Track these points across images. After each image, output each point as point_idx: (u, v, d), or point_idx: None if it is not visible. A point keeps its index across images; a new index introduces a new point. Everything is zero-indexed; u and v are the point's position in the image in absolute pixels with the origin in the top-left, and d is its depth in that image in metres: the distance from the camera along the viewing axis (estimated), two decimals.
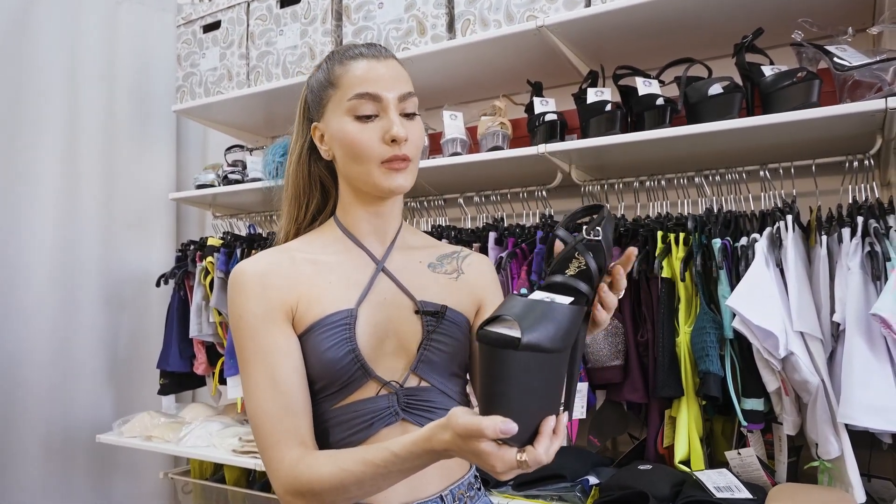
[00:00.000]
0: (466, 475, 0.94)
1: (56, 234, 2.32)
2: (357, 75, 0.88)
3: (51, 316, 2.30)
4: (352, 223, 0.95)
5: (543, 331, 0.65)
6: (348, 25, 1.91)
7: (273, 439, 0.82)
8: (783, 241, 1.33)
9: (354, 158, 0.88)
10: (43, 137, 2.31)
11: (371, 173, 0.88)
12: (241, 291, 0.87)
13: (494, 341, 0.65)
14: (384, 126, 0.87)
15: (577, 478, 1.40)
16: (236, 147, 2.33)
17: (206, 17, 2.23)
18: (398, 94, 0.88)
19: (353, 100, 0.88)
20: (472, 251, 1.05)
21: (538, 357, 0.64)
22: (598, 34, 1.61)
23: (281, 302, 0.87)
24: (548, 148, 1.57)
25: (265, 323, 0.86)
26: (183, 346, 2.20)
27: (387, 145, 0.87)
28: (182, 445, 1.93)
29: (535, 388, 0.66)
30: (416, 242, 1.01)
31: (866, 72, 1.29)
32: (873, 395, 1.16)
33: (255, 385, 0.84)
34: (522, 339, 0.64)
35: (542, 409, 0.67)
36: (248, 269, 0.89)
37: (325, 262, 0.92)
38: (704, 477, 1.28)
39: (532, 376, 0.65)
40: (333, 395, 0.87)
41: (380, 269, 0.93)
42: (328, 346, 0.85)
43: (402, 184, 0.89)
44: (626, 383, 1.47)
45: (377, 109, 0.88)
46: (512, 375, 0.64)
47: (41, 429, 2.26)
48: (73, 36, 2.38)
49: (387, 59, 0.91)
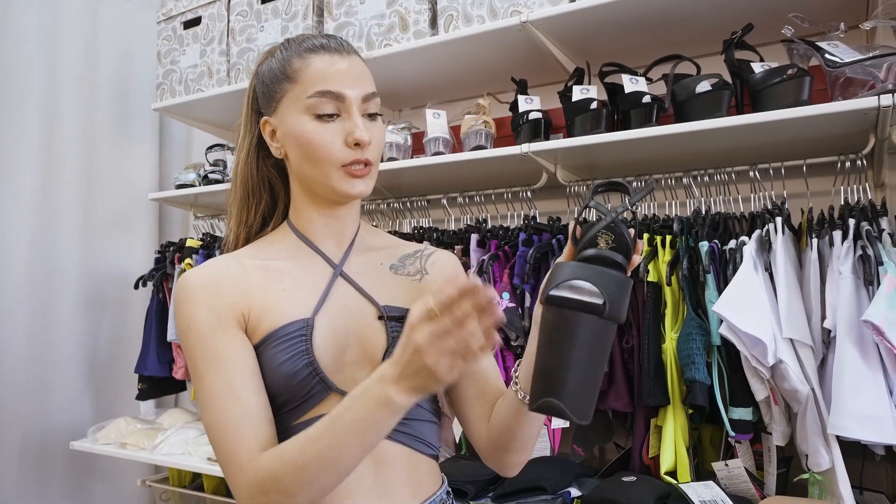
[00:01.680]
0: (438, 491, 0.89)
1: (33, 234, 2.27)
2: (319, 70, 0.82)
3: (27, 318, 2.24)
4: (306, 226, 0.89)
5: (622, 300, 0.64)
6: (329, 21, 1.86)
7: (231, 448, 0.75)
8: (772, 243, 1.29)
9: (312, 160, 0.83)
10: (20, 135, 2.25)
11: (330, 177, 0.82)
12: (188, 300, 0.81)
13: (577, 306, 0.63)
14: (346, 128, 0.82)
15: (558, 490, 1.34)
16: (217, 146, 2.28)
17: (187, 12, 2.18)
18: (362, 94, 0.83)
19: (313, 97, 0.82)
20: (436, 249, 0.99)
21: (610, 327, 0.64)
22: (583, 30, 1.57)
23: (232, 310, 0.81)
24: (532, 147, 1.52)
25: (215, 330, 0.79)
26: (161, 350, 2.15)
27: (349, 148, 0.81)
28: (157, 453, 1.88)
29: (596, 360, 0.64)
30: (376, 243, 0.95)
31: (859, 68, 1.25)
32: (865, 404, 1.11)
33: (209, 396, 0.77)
34: (607, 307, 0.62)
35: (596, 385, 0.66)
36: (195, 277, 0.83)
37: (277, 269, 0.86)
38: (690, 490, 1.23)
39: (600, 346, 0.64)
40: (294, 411, 0.81)
41: (337, 274, 0.87)
42: (284, 360, 0.79)
43: (363, 189, 0.84)
44: (610, 391, 1.42)
45: (339, 109, 0.82)
46: (586, 344, 0.63)
47: (17, 434, 2.20)
48: (51, 31, 2.33)
49: (350, 55, 0.85)
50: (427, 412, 0.88)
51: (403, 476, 0.83)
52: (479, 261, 1.59)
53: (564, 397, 0.64)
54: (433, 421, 0.89)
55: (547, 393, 0.65)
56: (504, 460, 0.88)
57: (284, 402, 0.81)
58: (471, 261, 1.65)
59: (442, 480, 0.92)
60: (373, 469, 0.81)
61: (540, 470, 1.39)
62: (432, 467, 0.89)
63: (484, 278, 1.54)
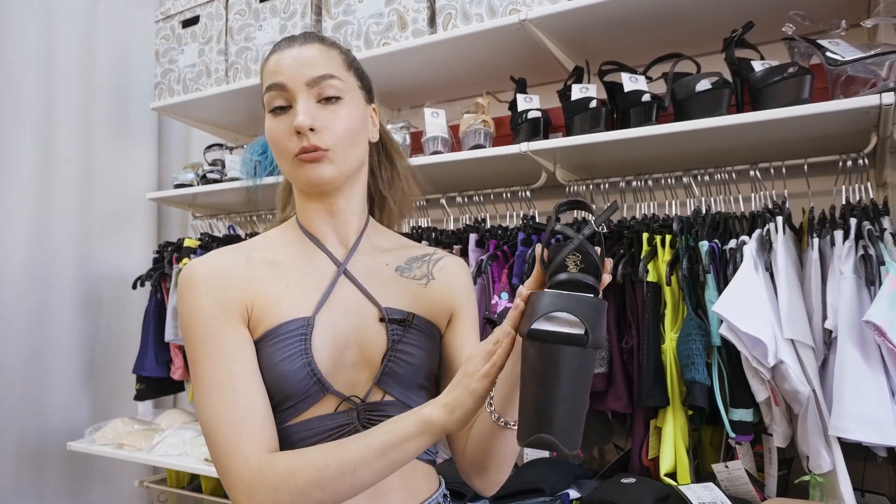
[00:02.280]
0: (434, 494, 0.88)
1: (31, 234, 2.25)
2: (269, 67, 0.84)
3: (25, 318, 2.23)
4: (308, 222, 0.89)
5: (600, 325, 0.64)
6: (328, 20, 1.85)
7: (231, 444, 0.73)
8: (773, 243, 1.28)
9: (277, 155, 0.84)
10: (18, 135, 2.24)
11: (290, 168, 0.83)
12: (192, 289, 0.79)
13: (562, 339, 0.63)
14: (293, 117, 0.81)
15: (556, 492, 1.33)
16: (216, 146, 2.27)
17: (185, 11, 2.17)
18: (307, 79, 0.81)
19: (266, 93, 0.83)
20: (446, 254, 0.97)
21: (592, 355, 0.64)
22: (583, 28, 1.56)
23: (236, 302, 0.79)
24: (531, 146, 1.51)
25: (219, 322, 0.77)
26: (159, 351, 2.14)
27: (295, 137, 0.81)
28: (154, 454, 1.87)
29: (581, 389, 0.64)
30: (385, 244, 0.94)
31: (860, 67, 1.24)
32: (866, 406, 1.10)
33: (208, 389, 0.75)
34: (590, 337, 0.62)
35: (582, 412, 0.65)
36: (201, 266, 0.81)
37: (282, 264, 0.85)
38: (689, 491, 1.22)
39: (584, 375, 0.64)
40: (289, 411, 0.79)
41: (341, 273, 0.86)
42: (281, 359, 0.78)
43: (321, 174, 0.81)
44: (609, 392, 1.40)
45: (288, 99, 0.82)
46: (572, 375, 0.63)
47: (13, 435, 2.18)
48: (49, 31, 2.31)
49: (304, 45, 0.83)
50: None
51: (397, 482, 0.82)
52: (478, 261, 1.58)
53: (556, 432, 0.63)
54: None
55: (538, 429, 0.64)
56: (482, 479, 0.86)
57: (280, 401, 0.80)
58: (469, 261, 1.64)
59: (439, 483, 0.91)
60: None
61: (538, 471, 1.38)
62: (428, 472, 0.88)
63: (482, 278, 1.53)
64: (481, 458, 0.83)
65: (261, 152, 1.97)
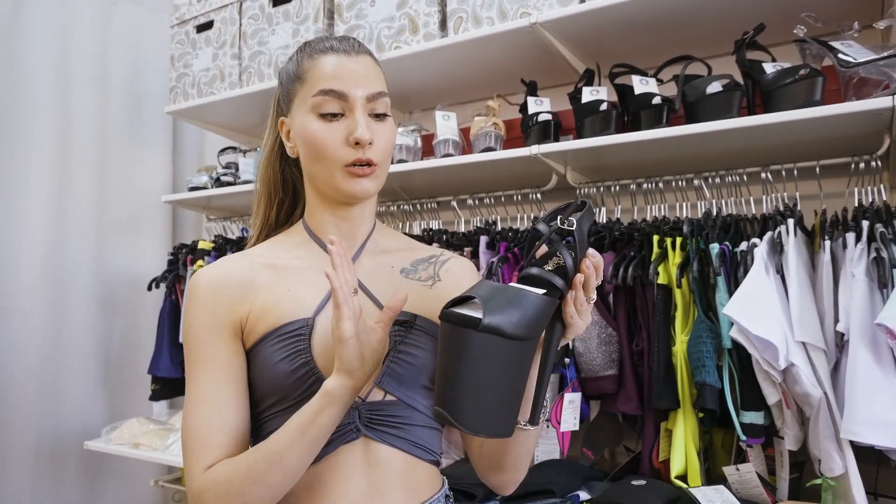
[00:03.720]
0: (437, 494, 0.88)
1: (47, 236, 2.29)
2: (325, 71, 0.83)
3: (42, 319, 2.27)
4: (318, 226, 0.90)
5: (506, 315, 0.64)
6: (340, 24, 1.87)
7: (193, 456, 0.78)
8: (784, 245, 1.27)
9: (317, 159, 0.84)
10: (35, 139, 2.28)
11: (333, 176, 0.83)
12: (193, 299, 0.84)
13: (455, 320, 0.65)
14: (349, 126, 0.82)
15: (566, 493, 1.34)
16: (229, 149, 2.30)
17: (200, 16, 2.20)
18: (367, 94, 0.83)
19: (317, 96, 0.83)
20: (453, 255, 0.98)
21: (498, 342, 0.64)
22: (593, 31, 1.56)
23: (230, 314, 0.83)
24: (541, 149, 1.52)
25: (211, 335, 0.82)
26: (174, 351, 2.16)
27: (351, 148, 0.82)
28: (168, 453, 1.90)
29: (493, 376, 0.65)
30: (391, 245, 0.95)
31: (872, 68, 1.23)
32: (878, 409, 1.09)
33: (190, 400, 0.81)
34: (483, 321, 0.63)
35: (498, 400, 0.65)
36: (204, 276, 0.85)
37: (285, 267, 0.87)
38: (699, 494, 1.22)
39: (490, 362, 0.64)
40: (288, 410, 0.80)
41: None
42: (280, 358, 0.80)
43: (367, 188, 0.84)
44: (620, 394, 1.41)
45: (343, 108, 0.83)
46: (470, 357, 0.64)
47: (32, 434, 2.22)
48: (65, 36, 2.35)
49: (359, 55, 0.86)
50: (428, 418, 0.86)
51: (398, 481, 0.83)
52: (489, 263, 1.58)
53: (447, 407, 0.65)
54: (435, 427, 0.88)
55: (435, 401, 0.67)
56: (498, 479, 0.88)
57: (279, 399, 0.81)
58: (480, 263, 1.65)
59: (442, 483, 0.91)
60: (366, 472, 0.81)
61: (549, 473, 1.38)
62: (431, 472, 0.88)
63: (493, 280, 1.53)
64: (496, 458, 0.85)
65: None
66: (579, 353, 1.44)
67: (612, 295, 1.47)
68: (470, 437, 0.90)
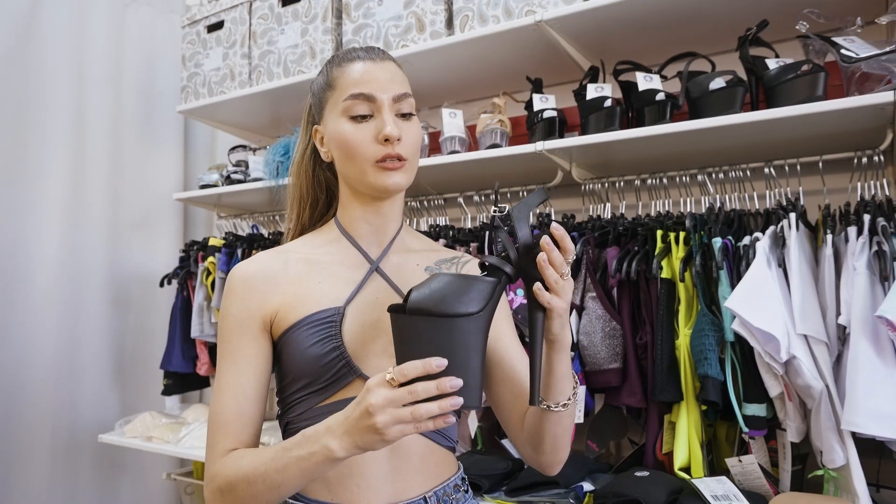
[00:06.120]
0: (452, 477, 0.92)
1: (62, 235, 2.34)
2: (353, 77, 0.90)
3: (57, 316, 2.31)
4: (349, 223, 0.95)
5: (427, 295, 0.70)
6: (348, 23, 1.89)
7: (215, 440, 0.85)
8: (786, 239, 1.28)
9: (349, 158, 0.89)
10: (49, 139, 2.32)
11: (365, 172, 0.88)
12: (229, 293, 0.91)
13: (392, 309, 0.73)
14: (378, 126, 0.87)
15: (571, 484, 1.36)
16: (240, 147, 2.33)
17: (210, 17, 2.23)
18: (393, 95, 0.89)
19: (347, 100, 0.89)
20: (473, 258, 1.03)
21: (428, 321, 0.69)
22: (598, 28, 1.58)
23: (260, 309, 0.89)
24: (546, 145, 1.53)
25: (241, 327, 0.88)
26: (185, 347, 2.20)
27: (380, 144, 0.87)
28: (181, 447, 1.93)
29: (435, 352, 0.69)
30: (416, 245, 1.00)
31: (875, 63, 1.24)
32: (879, 401, 1.10)
33: (220, 385, 0.88)
34: (407, 304, 0.70)
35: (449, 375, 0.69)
36: (238, 271, 0.92)
37: (317, 262, 0.92)
38: (702, 485, 1.23)
39: (427, 339, 0.70)
40: (319, 392, 0.86)
41: (373, 269, 0.92)
42: (312, 342, 0.85)
43: (398, 182, 0.88)
44: (624, 387, 1.42)
45: (371, 110, 0.89)
46: (407, 338, 0.71)
47: (47, 429, 2.27)
48: (79, 37, 2.40)
49: (383, 61, 0.92)
50: None
51: (417, 464, 0.88)
52: None
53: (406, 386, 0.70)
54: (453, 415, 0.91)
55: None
56: (540, 461, 0.91)
57: (309, 382, 0.86)
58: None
59: (458, 468, 0.95)
60: (388, 456, 0.86)
61: None
62: (447, 457, 0.93)
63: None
64: (536, 440, 0.88)
65: (283, 153, 2.02)
66: (584, 346, 1.46)
67: (616, 289, 1.49)
68: (514, 423, 0.92)
